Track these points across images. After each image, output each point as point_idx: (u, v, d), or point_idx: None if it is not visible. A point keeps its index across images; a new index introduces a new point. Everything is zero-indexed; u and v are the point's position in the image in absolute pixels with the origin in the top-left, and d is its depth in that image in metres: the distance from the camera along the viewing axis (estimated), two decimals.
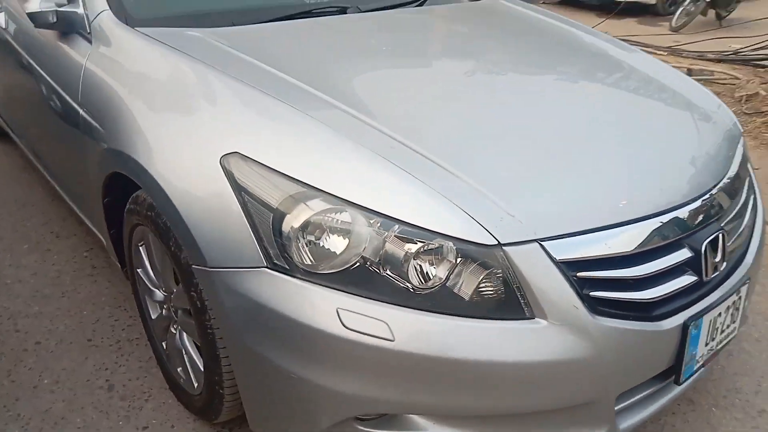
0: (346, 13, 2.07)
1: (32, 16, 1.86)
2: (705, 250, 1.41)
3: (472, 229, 1.21)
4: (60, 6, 1.88)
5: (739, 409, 1.86)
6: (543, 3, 7.72)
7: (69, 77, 1.87)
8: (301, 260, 1.25)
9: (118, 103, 1.63)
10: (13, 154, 3.32)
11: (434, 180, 1.28)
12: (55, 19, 1.87)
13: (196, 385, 1.67)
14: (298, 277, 1.24)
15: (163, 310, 1.77)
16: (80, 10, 1.87)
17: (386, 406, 1.27)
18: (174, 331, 1.73)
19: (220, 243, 1.31)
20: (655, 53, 5.57)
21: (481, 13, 2.40)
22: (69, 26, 1.90)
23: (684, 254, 1.40)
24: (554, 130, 1.54)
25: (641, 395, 1.45)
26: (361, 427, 1.31)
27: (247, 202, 1.29)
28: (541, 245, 1.24)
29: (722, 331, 1.54)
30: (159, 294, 1.76)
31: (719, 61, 5.67)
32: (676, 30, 7.10)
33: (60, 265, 2.43)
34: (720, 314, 1.49)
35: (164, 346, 1.83)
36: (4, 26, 2.38)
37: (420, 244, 1.22)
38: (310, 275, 1.24)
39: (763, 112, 4.18)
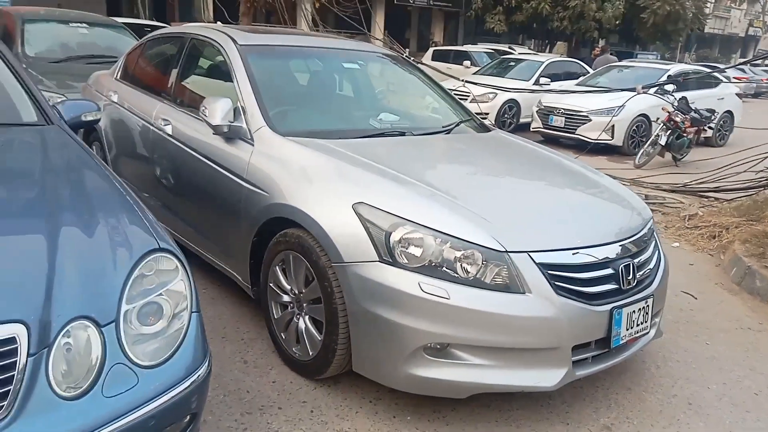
0: (404, 135, 3.28)
1: (215, 128, 3.03)
2: (621, 271, 2.49)
3: (493, 243, 2.30)
4: (231, 122, 3.06)
5: (660, 393, 2.83)
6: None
7: (237, 165, 3.00)
8: (400, 259, 2.30)
9: (278, 178, 2.76)
10: None
11: (473, 219, 2.39)
12: (227, 130, 3.05)
13: (311, 353, 2.63)
14: (397, 267, 2.30)
15: (288, 308, 2.77)
16: (244, 125, 3.05)
17: (442, 338, 2.27)
18: (296, 320, 2.72)
19: (352, 248, 2.38)
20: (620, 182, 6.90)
21: (491, 139, 3.64)
22: (235, 134, 3.07)
23: (609, 271, 2.48)
24: (540, 203, 2.71)
25: (590, 354, 2.45)
26: (425, 355, 2.30)
27: (368, 227, 2.37)
28: (529, 255, 2.32)
29: (638, 324, 2.57)
30: (286, 297, 2.77)
31: (672, 191, 7.01)
32: (639, 167, 8.55)
33: None
34: (634, 312, 2.54)
35: (282, 336, 2.81)
36: (171, 133, 3.56)
37: (462, 251, 2.29)
38: (404, 266, 2.30)
39: (699, 227, 5.39)
